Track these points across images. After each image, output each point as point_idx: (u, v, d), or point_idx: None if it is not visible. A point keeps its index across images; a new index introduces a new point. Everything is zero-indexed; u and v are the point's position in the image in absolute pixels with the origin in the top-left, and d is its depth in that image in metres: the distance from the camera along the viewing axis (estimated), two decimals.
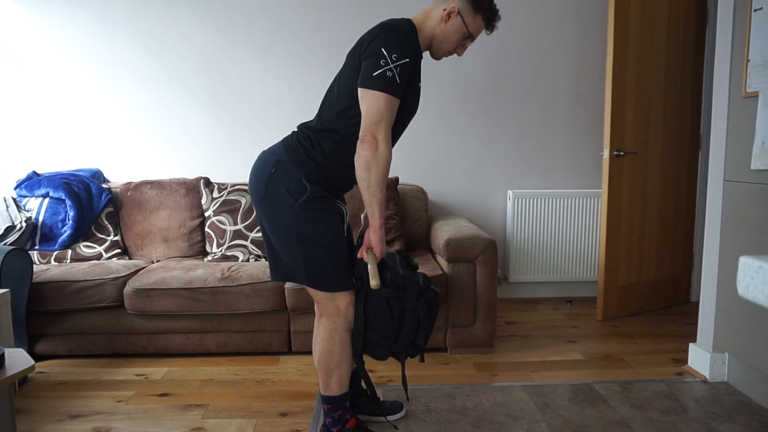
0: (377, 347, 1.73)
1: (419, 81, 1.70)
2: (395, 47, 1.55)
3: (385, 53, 1.54)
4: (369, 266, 1.62)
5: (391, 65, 1.54)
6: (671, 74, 3.16)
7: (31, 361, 1.13)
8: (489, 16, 1.71)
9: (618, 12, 2.91)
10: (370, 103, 1.55)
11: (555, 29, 3.39)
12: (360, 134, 1.58)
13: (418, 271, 1.83)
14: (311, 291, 1.71)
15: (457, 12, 1.68)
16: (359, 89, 1.58)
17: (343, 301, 1.68)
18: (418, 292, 1.71)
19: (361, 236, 1.75)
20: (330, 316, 1.69)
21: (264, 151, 1.74)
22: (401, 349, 1.73)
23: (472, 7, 1.68)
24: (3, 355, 1.10)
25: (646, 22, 3.02)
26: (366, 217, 1.75)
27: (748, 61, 2.06)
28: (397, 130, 1.69)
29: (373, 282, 1.60)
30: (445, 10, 1.68)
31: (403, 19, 1.67)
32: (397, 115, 1.63)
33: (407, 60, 1.57)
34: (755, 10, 2.02)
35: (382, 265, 1.69)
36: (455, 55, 1.76)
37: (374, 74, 1.54)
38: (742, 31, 2.10)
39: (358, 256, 1.70)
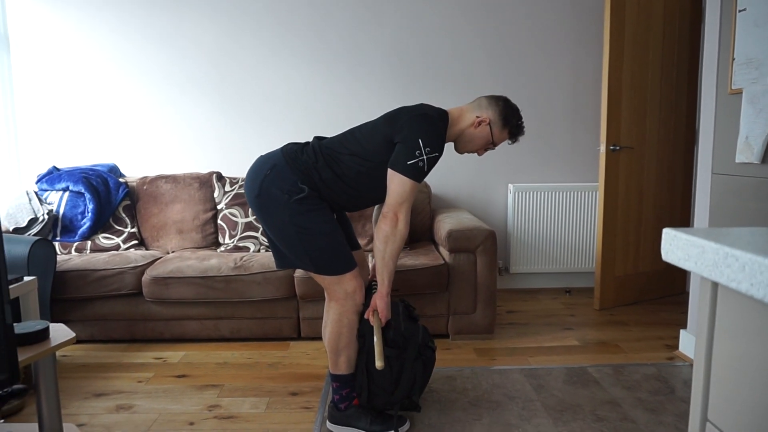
0: (375, 397, 1.87)
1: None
2: (431, 141, 1.73)
3: (421, 145, 1.72)
4: (375, 342, 1.76)
5: (424, 156, 1.73)
6: (667, 71, 3.26)
7: (72, 333, 1.27)
8: (514, 132, 1.92)
9: (614, 10, 3.01)
10: (398, 185, 1.73)
11: (553, 28, 3.50)
12: (383, 210, 1.76)
13: (419, 322, 1.96)
14: (319, 278, 1.84)
15: (488, 122, 1.87)
16: (390, 169, 1.75)
17: (350, 284, 1.81)
18: (417, 351, 1.86)
19: (369, 289, 1.90)
20: (339, 300, 1.82)
21: (261, 156, 1.87)
22: (398, 401, 1.88)
23: (501, 122, 1.89)
24: (48, 327, 1.24)
25: (642, 20, 3.13)
26: (374, 268, 1.92)
27: (734, 59, 2.16)
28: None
29: (379, 363, 1.73)
30: (477, 117, 1.88)
31: (440, 112, 1.85)
32: None
33: (437, 154, 1.76)
34: (740, 11, 2.12)
35: (386, 326, 1.84)
36: (476, 154, 2.01)
37: (408, 162, 1.72)
38: (728, 31, 2.21)
39: (365, 317, 1.85)
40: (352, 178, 1.81)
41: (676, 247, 0.56)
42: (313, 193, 1.78)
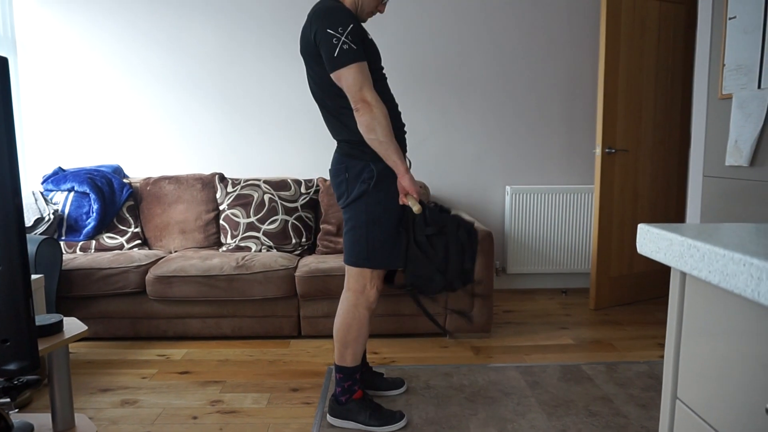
0: (432, 282, 1.87)
1: (368, 35, 1.86)
2: (335, 21, 1.72)
3: (331, 32, 1.71)
4: (409, 200, 1.82)
5: (342, 38, 1.71)
6: (661, 76, 3.33)
7: (84, 327, 1.32)
8: None
9: (610, 16, 3.08)
10: (347, 78, 1.73)
11: (550, 33, 3.56)
12: (352, 106, 1.76)
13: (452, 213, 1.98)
14: (347, 266, 1.90)
15: None
16: (332, 75, 1.75)
17: (371, 281, 1.88)
18: (457, 223, 1.88)
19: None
20: (355, 292, 1.89)
21: (330, 169, 1.93)
22: (453, 278, 1.88)
23: None
24: (62, 320, 1.29)
25: (637, 25, 3.19)
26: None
27: (724, 65, 2.23)
28: (378, 79, 1.85)
29: (416, 207, 1.80)
30: None
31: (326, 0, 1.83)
32: (370, 69, 1.79)
33: (352, 26, 1.73)
34: (730, 19, 2.18)
35: (421, 206, 1.86)
36: (379, 12, 1.93)
37: (335, 55, 1.71)
38: (719, 38, 2.27)
39: (400, 203, 1.87)
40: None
41: (649, 240, 0.62)
42: (384, 168, 1.81)
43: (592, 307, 3.32)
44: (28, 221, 2.96)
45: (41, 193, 3.15)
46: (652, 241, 0.61)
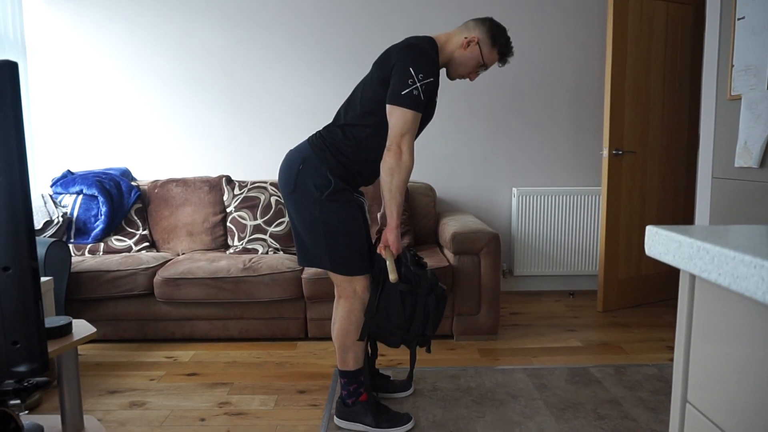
0: (392, 336, 1.91)
1: (437, 95, 1.90)
2: (421, 67, 1.73)
3: (412, 73, 1.72)
4: (387, 262, 1.83)
5: (418, 84, 1.72)
6: (669, 77, 3.31)
7: (93, 329, 1.33)
8: (503, 52, 1.92)
9: (616, 17, 3.07)
10: (398, 117, 1.74)
11: (556, 34, 3.56)
12: (387, 143, 1.76)
13: (427, 268, 2.00)
14: (332, 275, 1.90)
15: (477, 42, 1.87)
16: (388, 105, 1.76)
17: (360, 284, 1.87)
18: (429, 287, 1.90)
19: (379, 233, 1.94)
20: (348, 298, 1.89)
21: (291, 150, 1.92)
22: (412, 338, 1.92)
23: (490, 41, 1.89)
24: (71, 323, 1.30)
25: (644, 26, 3.18)
26: (383, 216, 1.95)
27: (733, 66, 2.21)
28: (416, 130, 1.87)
29: (392, 276, 1.79)
30: (466, 38, 1.88)
31: (426, 39, 1.86)
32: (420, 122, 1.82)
33: (431, 79, 1.76)
34: (738, 19, 2.17)
35: (397, 262, 1.88)
36: (469, 79, 1.99)
37: (402, 93, 1.72)
38: (728, 38, 2.26)
39: (377, 252, 1.89)
40: (369, 136, 1.82)
41: (657, 242, 0.62)
42: (340, 183, 1.82)
43: (600, 310, 3.30)
44: (38, 224, 2.98)
45: (50, 196, 3.17)
46: (661, 243, 0.61)
